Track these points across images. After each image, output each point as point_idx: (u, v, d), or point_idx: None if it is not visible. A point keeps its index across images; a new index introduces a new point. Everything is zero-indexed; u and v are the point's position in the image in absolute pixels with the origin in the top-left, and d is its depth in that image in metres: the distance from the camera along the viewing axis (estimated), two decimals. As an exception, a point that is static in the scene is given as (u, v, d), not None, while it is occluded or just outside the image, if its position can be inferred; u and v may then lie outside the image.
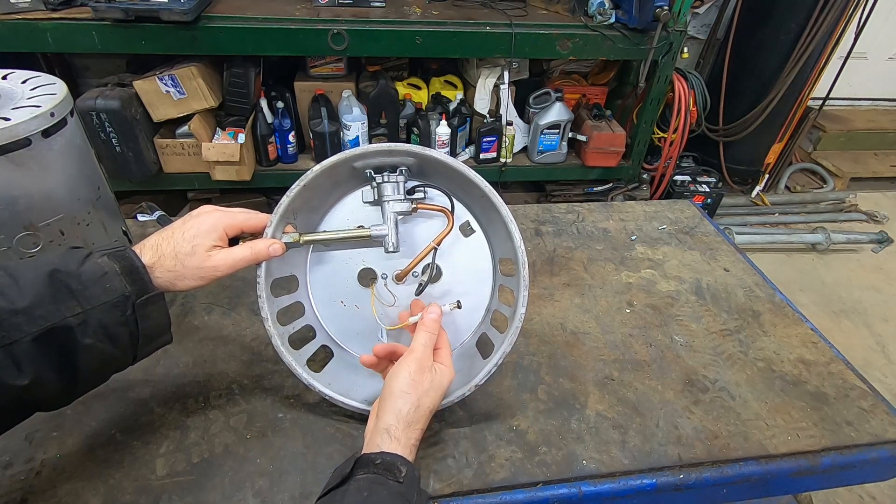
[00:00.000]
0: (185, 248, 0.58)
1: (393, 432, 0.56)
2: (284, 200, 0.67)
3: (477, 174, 0.68)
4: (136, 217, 0.95)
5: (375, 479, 0.52)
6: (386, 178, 0.69)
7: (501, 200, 0.69)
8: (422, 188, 0.72)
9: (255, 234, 0.66)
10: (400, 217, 0.70)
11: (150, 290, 0.55)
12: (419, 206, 0.72)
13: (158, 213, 0.89)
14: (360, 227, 0.72)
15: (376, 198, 0.71)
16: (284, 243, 0.66)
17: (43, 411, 0.54)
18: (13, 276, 0.49)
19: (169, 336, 0.61)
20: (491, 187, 0.68)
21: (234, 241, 0.65)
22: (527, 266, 0.68)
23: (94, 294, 0.51)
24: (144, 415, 0.71)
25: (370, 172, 0.70)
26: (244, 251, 0.62)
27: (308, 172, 0.67)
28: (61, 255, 0.53)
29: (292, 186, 0.67)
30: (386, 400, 0.59)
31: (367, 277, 0.75)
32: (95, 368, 0.54)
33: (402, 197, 0.70)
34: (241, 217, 0.64)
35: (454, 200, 0.72)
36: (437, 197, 0.74)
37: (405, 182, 0.70)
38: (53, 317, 0.49)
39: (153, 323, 0.57)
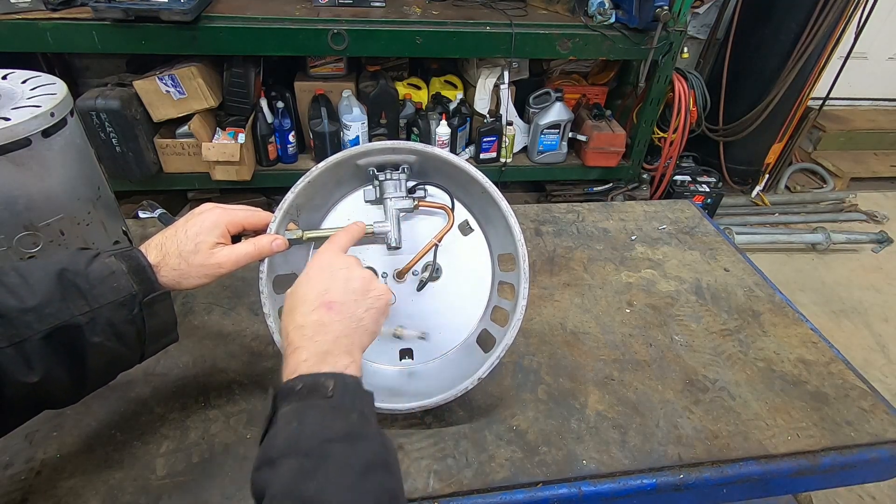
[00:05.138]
0: (189, 246, 0.58)
1: (296, 341, 0.51)
2: (289, 196, 0.68)
3: (477, 170, 0.69)
4: (137, 215, 0.95)
5: (300, 406, 0.46)
6: (388, 176, 0.70)
7: (501, 195, 0.70)
8: (422, 186, 0.73)
9: (258, 232, 0.67)
10: (401, 214, 0.71)
11: (156, 288, 0.55)
12: (420, 203, 0.72)
13: (160, 210, 0.89)
14: None
15: (378, 195, 0.71)
16: (287, 240, 0.66)
17: (51, 409, 0.54)
18: (23, 275, 0.50)
19: (175, 335, 0.61)
20: (491, 182, 0.69)
21: (236, 239, 0.65)
22: (527, 259, 0.69)
23: (101, 293, 0.52)
24: (144, 415, 0.71)
25: (373, 170, 0.71)
26: (247, 247, 0.62)
27: (313, 169, 0.67)
28: (70, 255, 0.54)
29: (297, 183, 0.68)
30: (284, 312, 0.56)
31: None
32: (103, 366, 0.54)
33: (404, 194, 0.71)
34: (242, 214, 0.64)
35: (454, 198, 0.73)
36: (438, 195, 0.74)
37: (407, 180, 0.71)
38: (62, 315, 0.49)
39: (160, 321, 0.57)
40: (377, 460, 0.45)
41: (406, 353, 0.77)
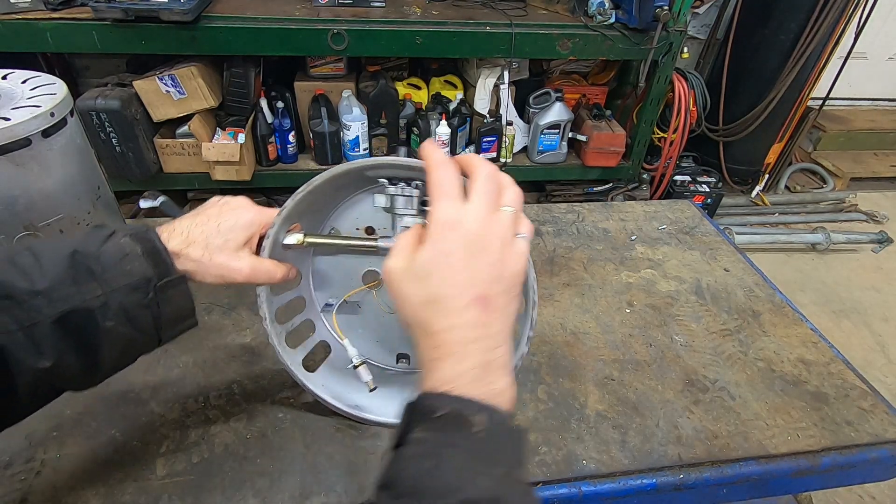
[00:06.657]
0: (218, 240, 0.56)
1: (449, 345, 0.40)
2: (289, 204, 0.66)
3: None
4: (138, 204, 0.94)
5: (439, 439, 0.38)
6: (400, 191, 0.66)
7: None
8: None
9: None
10: None
11: (171, 272, 0.53)
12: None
13: (162, 198, 0.87)
14: (368, 227, 0.72)
15: (388, 206, 0.69)
16: (286, 244, 0.66)
17: (73, 391, 0.52)
18: (36, 255, 0.48)
19: (194, 319, 0.58)
20: None
21: None
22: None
23: (114, 276, 0.49)
24: (144, 415, 0.71)
25: (385, 181, 0.66)
26: (272, 267, 0.60)
27: (316, 177, 0.65)
28: (84, 234, 0.51)
29: (298, 190, 0.66)
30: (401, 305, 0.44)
31: (372, 278, 0.75)
32: (118, 351, 0.52)
33: (415, 212, 0.68)
34: (269, 213, 0.63)
35: None
36: None
37: (419, 196, 0.66)
38: (73, 299, 0.47)
39: (176, 306, 0.54)
40: None
41: (402, 357, 0.77)
